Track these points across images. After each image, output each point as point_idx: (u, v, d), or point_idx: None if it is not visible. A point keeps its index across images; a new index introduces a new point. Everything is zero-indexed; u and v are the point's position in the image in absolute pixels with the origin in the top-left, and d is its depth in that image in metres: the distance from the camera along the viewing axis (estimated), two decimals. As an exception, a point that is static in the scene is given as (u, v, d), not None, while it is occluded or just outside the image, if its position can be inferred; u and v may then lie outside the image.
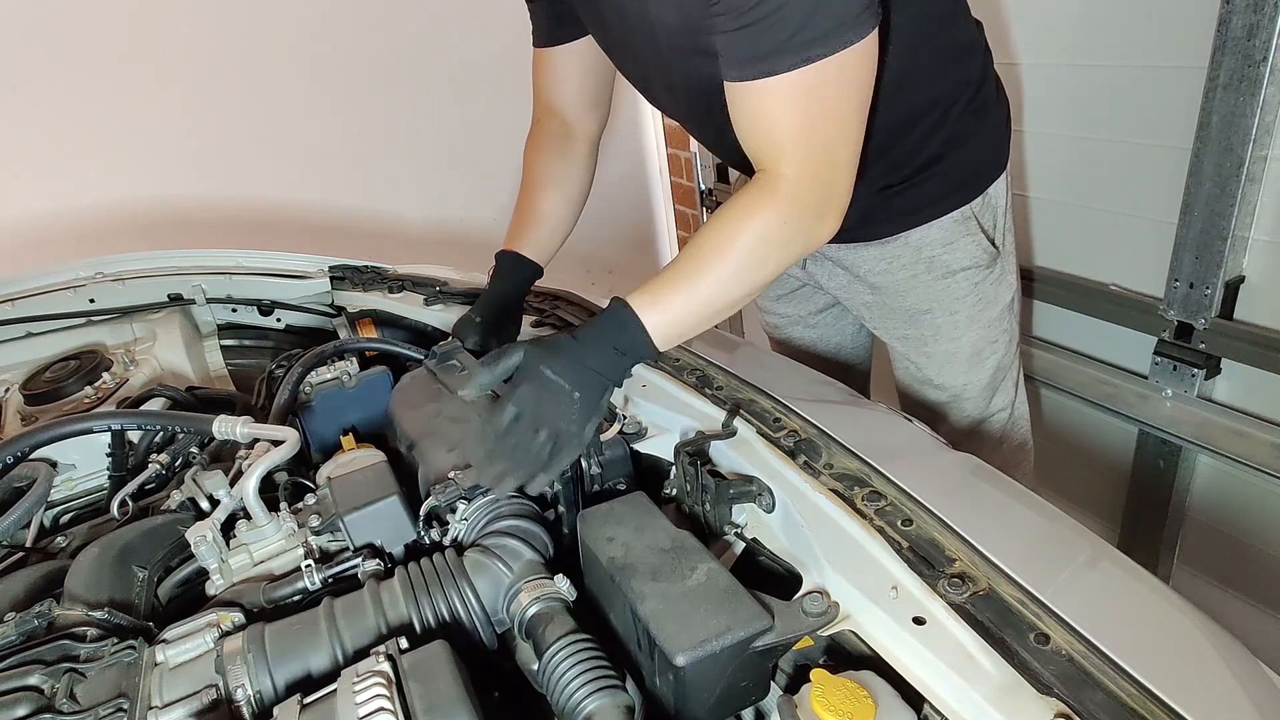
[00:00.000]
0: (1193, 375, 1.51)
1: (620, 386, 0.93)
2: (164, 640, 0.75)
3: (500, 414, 0.88)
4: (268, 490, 0.97)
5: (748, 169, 0.97)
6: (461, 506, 0.88)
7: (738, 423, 0.95)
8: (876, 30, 0.82)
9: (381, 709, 0.62)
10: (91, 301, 1.58)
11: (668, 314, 0.90)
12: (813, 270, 1.36)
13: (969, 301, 1.22)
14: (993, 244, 1.21)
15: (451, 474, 0.91)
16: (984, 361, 1.27)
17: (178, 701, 0.69)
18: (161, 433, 1.18)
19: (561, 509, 0.96)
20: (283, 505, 0.94)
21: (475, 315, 1.20)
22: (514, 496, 0.89)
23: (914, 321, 1.25)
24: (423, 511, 0.90)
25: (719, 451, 0.93)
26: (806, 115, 0.85)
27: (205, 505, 0.97)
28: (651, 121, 3.16)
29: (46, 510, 1.17)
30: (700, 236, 0.92)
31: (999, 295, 1.24)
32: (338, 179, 2.63)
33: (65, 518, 1.20)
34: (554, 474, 0.89)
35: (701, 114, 1.05)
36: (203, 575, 0.89)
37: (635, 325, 0.89)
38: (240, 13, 2.32)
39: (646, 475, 1.00)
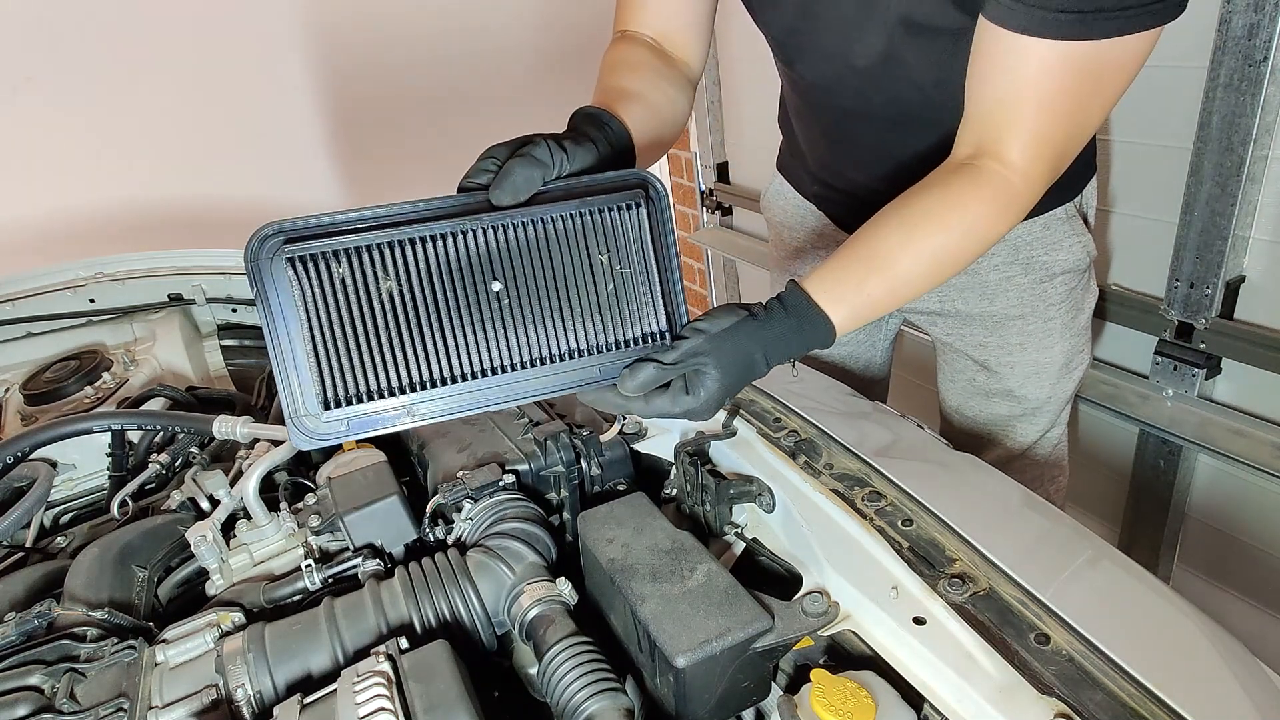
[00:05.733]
0: (1193, 375, 1.51)
1: None
2: (164, 640, 0.75)
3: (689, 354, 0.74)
4: (268, 490, 0.97)
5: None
6: (467, 506, 0.88)
7: (738, 423, 0.95)
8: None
9: (381, 709, 0.62)
10: (91, 301, 1.58)
11: (849, 308, 0.79)
12: None
13: (1064, 308, 1.12)
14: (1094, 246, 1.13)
15: (460, 473, 0.91)
16: (1072, 373, 1.17)
17: (178, 701, 0.69)
18: (161, 433, 1.18)
19: (566, 516, 0.96)
20: (283, 505, 0.95)
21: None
22: (519, 499, 0.89)
23: (999, 328, 1.14)
24: (429, 508, 0.90)
25: (719, 451, 0.93)
26: (1066, 93, 0.75)
27: (205, 505, 0.97)
28: (652, 121, 3.15)
29: (46, 510, 1.17)
30: (898, 220, 0.81)
31: (1086, 302, 1.16)
32: (338, 179, 2.63)
33: (65, 518, 1.20)
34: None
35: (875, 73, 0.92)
36: (203, 575, 0.89)
37: (823, 324, 0.78)
38: (241, 13, 2.32)
39: (646, 475, 1.00)
